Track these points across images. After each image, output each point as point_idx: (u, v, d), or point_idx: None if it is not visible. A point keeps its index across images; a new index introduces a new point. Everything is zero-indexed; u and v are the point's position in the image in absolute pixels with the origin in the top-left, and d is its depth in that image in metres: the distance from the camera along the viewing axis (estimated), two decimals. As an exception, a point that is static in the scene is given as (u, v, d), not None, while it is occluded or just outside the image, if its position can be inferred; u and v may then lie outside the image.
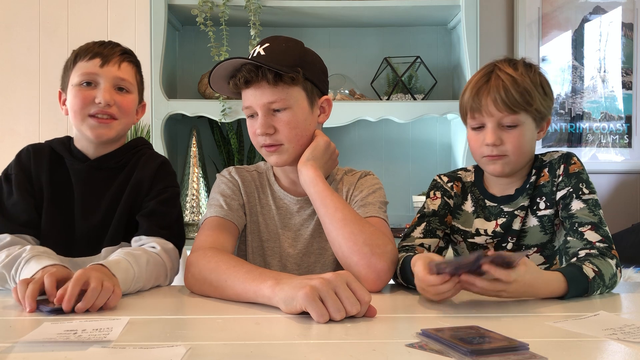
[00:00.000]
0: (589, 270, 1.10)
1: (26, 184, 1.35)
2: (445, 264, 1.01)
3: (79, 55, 1.37)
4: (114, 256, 1.18)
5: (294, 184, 1.37)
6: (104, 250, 1.32)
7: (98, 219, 1.34)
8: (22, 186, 1.34)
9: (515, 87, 1.23)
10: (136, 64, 1.43)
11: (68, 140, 1.42)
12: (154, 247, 1.27)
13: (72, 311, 0.97)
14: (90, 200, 1.35)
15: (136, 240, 1.31)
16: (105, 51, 1.36)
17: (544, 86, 1.29)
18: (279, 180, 1.39)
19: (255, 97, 1.25)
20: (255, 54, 1.26)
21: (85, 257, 1.31)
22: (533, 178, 1.32)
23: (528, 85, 1.24)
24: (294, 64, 1.24)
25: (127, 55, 1.40)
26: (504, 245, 1.33)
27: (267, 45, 1.26)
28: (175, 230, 1.35)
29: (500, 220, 1.33)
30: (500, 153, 1.26)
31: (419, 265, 1.06)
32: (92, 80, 1.34)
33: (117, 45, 1.40)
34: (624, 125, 2.70)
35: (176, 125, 2.58)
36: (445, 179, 1.42)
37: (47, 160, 1.38)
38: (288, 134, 1.26)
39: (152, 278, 1.22)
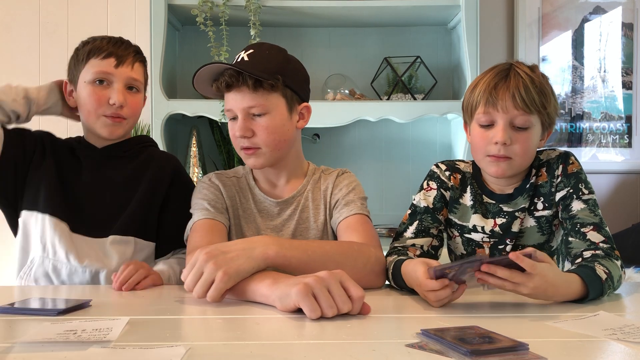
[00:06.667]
0: (601, 271, 1.08)
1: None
2: (445, 269, 1.00)
3: (92, 52, 1.40)
4: (160, 267, 1.36)
5: (273, 187, 1.40)
6: (111, 237, 1.38)
7: (105, 203, 1.41)
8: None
9: (534, 87, 1.22)
10: (145, 62, 1.49)
11: (78, 138, 1.50)
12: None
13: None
14: (98, 184, 1.42)
15: (175, 253, 1.47)
16: (120, 51, 1.41)
17: (553, 94, 1.28)
18: (258, 183, 1.41)
19: (235, 101, 1.29)
20: (239, 59, 1.31)
21: (90, 238, 1.38)
22: (533, 179, 1.31)
23: (544, 88, 1.24)
24: (274, 71, 1.28)
25: (139, 55, 1.46)
26: (500, 247, 1.32)
27: (251, 51, 1.31)
28: None
29: (500, 220, 1.31)
30: (507, 154, 1.23)
31: (419, 270, 1.05)
32: (105, 78, 1.39)
33: (130, 44, 1.45)
34: (624, 125, 2.70)
35: (176, 125, 2.58)
36: (444, 167, 1.38)
37: (59, 143, 1.47)
38: (265, 138, 1.29)
39: None
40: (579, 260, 1.16)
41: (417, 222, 1.34)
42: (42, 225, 1.36)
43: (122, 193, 1.42)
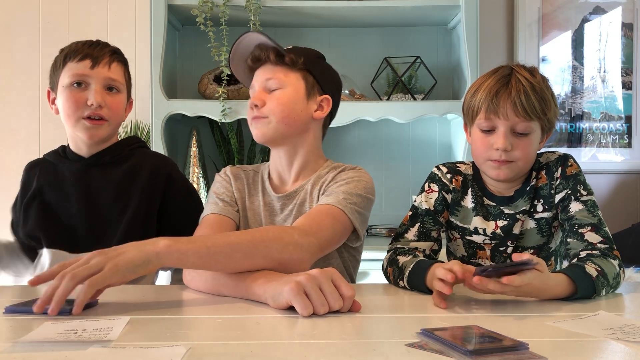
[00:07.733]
0: (591, 269, 1.09)
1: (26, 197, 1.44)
2: (486, 271, 1.00)
3: (68, 55, 1.39)
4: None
5: (281, 182, 1.39)
6: None
7: (101, 213, 1.38)
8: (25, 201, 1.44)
9: (534, 94, 1.22)
10: (125, 63, 1.45)
11: (63, 148, 1.46)
12: None
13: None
14: (90, 196, 1.39)
15: None
16: (95, 52, 1.38)
17: (553, 98, 1.28)
18: (271, 178, 1.41)
19: (258, 75, 1.35)
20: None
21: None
22: (533, 181, 1.31)
23: (545, 94, 1.24)
24: (300, 55, 1.32)
25: (117, 55, 1.43)
26: (501, 249, 1.32)
27: (290, 47, 1.37)
28: None
29: (501, 223, 1.31)
30: (508, 159, 1.24)
31: (456, 265, 1.05)
32: (82, 81, 1.37)
33: (106, 45, 1.43)
34: (624, 125, 2.70)
35: (176, 125, 2.58)
36: (445, 169, 1.38)
37: (39, 169, 1.45)
38: (274, 108, 1.30)
39: None
40: (575, 260, 1.17)
41: (418, 224, 1.33)
42: (44, 259, 1.33)
43: (115, 203, 1.39)
